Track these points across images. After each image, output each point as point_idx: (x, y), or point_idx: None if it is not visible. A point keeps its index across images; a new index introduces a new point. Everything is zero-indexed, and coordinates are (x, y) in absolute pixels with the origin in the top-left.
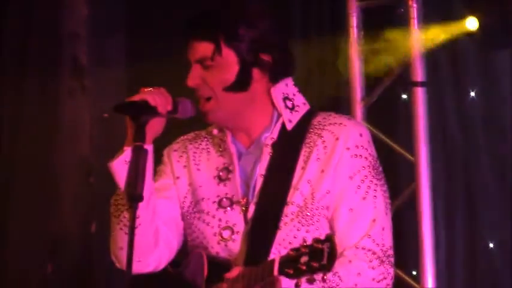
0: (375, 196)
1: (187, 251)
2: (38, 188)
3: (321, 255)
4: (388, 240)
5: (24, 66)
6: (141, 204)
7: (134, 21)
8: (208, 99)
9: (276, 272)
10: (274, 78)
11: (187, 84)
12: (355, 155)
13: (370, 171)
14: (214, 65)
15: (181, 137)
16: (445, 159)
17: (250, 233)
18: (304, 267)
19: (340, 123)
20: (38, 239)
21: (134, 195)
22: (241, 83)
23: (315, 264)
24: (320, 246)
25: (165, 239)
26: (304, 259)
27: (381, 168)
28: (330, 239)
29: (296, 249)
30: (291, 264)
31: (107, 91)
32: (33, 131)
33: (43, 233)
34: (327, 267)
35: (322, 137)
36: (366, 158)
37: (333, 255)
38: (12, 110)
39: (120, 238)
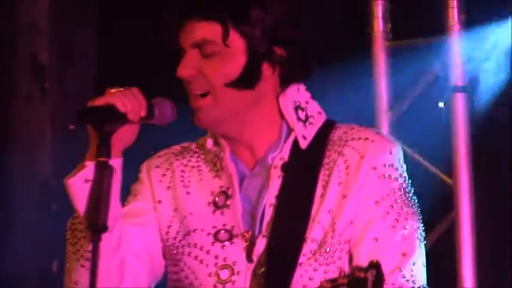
0: (406, 226)
1: None
2: None
3: (363, 285)
4: (420, 277)
5: None
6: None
7: (107, 10)
8: (204, 95)
9: None
10: (286, 81)
11: (178, 74)
12: (383, 175)
13: (401, 196)
14: (217, 52)
15: (164, 150)
16: (491, 184)
17: (256, 274)
18: None
19: (366, 138)
20: None
21: (96, 226)
22: (248, 79)
23: None
24: (362, 274)
25: (133, 275)
26: None
27: (412, 193)
28: (374, 265)
29: (332, 281)
30: None
31: (73, 96)
32: None
33: None
34: None
35: (344, 155)
36: (396, 179)
37: (379, 285)
38: None
39: (75, 271)
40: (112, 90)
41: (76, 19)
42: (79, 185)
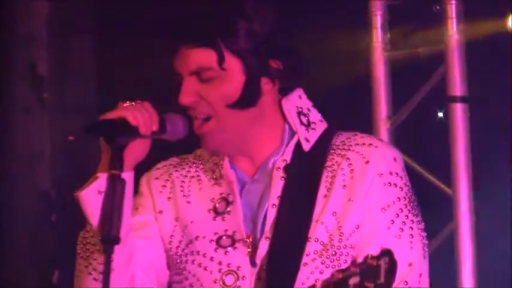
0: (412, 235)
1: None
2: None
3: (376, 272)
4: None
5: None
6: (116, 246)
7: (105, 20)
8: (207, 119)
9: None
10: (285, 89)
11: (180, 102)
12: (389, 183)
13: (405, 204)
14: (215, 76)
15: (163, 162)
16: (491, 194)
17: (260, 278)
18: None
19: (370, 144)
20: None
21: (109, 238)
22: (249, 97)
23: (369, 285)
24: (375, 262)
25: None
26: (354, 280)
27: (417, 202)
28: (387, 253)
29: (343, 270)
30: None
31: (72, 107)
32: None
33: None
34: (386, 287)
35: (348, 159)
36: (401, 188)
37: (392, 272)
38: None
39: (87, 285)
40: (124, 104)
41: (75, 29)
42: (92, 197)
